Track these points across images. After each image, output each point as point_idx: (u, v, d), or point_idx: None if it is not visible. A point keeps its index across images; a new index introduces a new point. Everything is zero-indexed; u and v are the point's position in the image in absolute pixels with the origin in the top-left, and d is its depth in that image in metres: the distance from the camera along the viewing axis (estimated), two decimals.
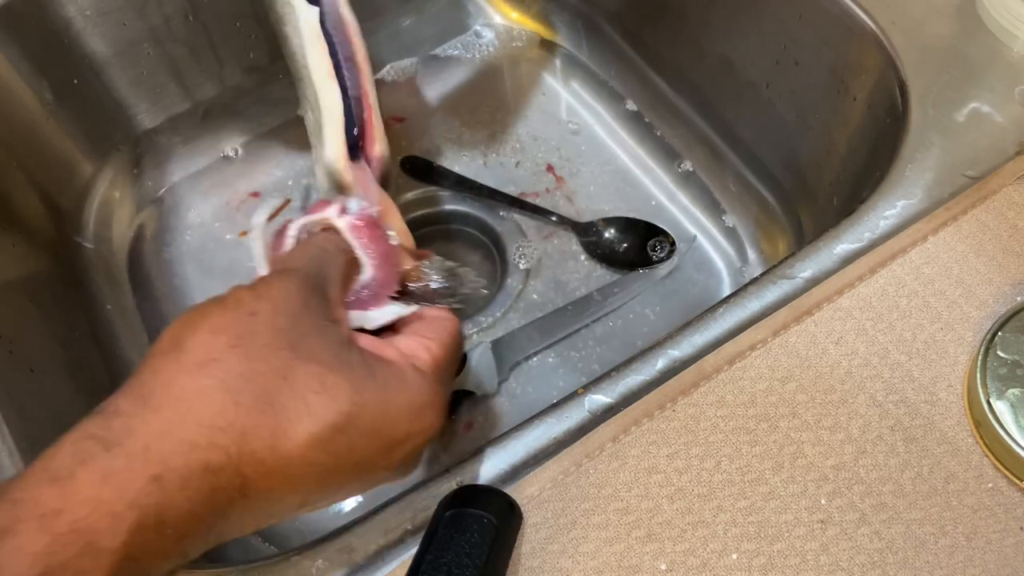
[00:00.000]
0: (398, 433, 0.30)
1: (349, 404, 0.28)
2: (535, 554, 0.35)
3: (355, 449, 0.29)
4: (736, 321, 0.41)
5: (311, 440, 0.27)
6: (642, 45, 0.72)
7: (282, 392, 0.27)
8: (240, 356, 0.27)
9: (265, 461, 0.27)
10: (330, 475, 0.29)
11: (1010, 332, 0.38)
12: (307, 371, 0.28)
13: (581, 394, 0.39)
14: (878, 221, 0.43)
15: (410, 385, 0.31)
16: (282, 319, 0.29)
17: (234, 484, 0.27)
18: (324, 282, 0.32)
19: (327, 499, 0.31)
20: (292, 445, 0.27)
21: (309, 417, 0.27)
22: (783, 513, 0.36)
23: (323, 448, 0.28)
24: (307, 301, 0.30)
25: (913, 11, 0.52)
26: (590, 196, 0.69)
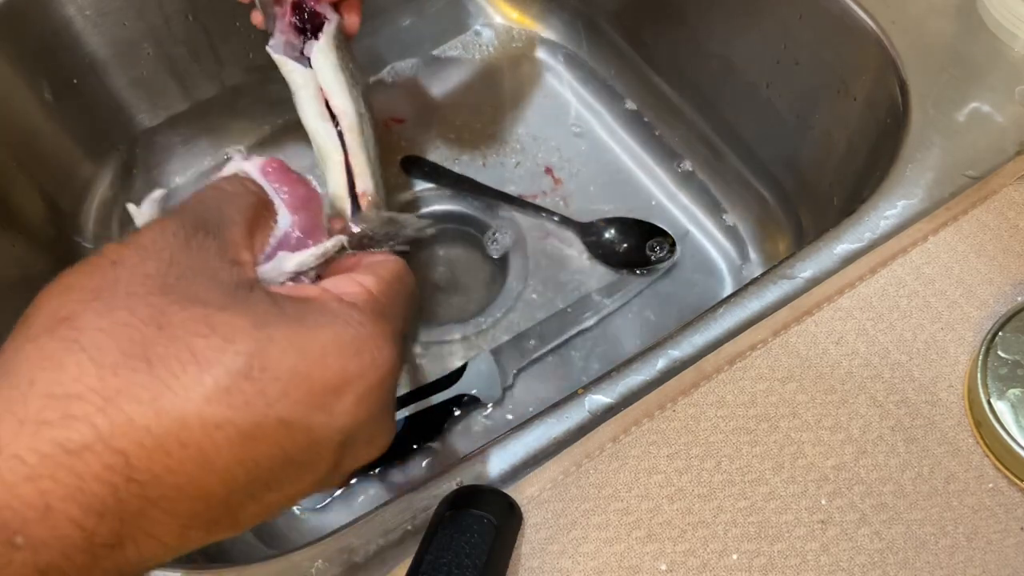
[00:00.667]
0: (329, 375, 0.23)
1: (250, 342, 0.22)
2: (535, 554, 0.35)
3: (272, 400, 0.22)
4: (736, 321, 0.41)
5: (206, 392, 0.21)
6: (642, 45, 0.72)
7: (158, 343, 0.21)
8: (99, 309, 0.22)
9: (150, 429, 0.21)
10: (251, 442, 0.22)
11: (1010, 332, 0.37)
12: (188, 315, 0.22)
13: (581, 394, 0.39)
14: (878, 221, 0.43)
15: (335, 318, 0.24)
16: (152, 263, 0.23)
17: (112, 468, 0.20)
18: (220, 221, 0.26)
19: (271, 482, 0.23)
20: (182, 402, 0.21)
21: (196, 365, 0.21)
22: (783, 513, 0.35)
23: (226, 401, 0.21)
24: (188, 241, 0.24)
25: (913, 11, 0.51)
26: (590, 196, 0.69)
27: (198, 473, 0.21)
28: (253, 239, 0.27)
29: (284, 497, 0.24)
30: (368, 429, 0.25)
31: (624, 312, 0.63)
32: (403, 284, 0.29)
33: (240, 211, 0.27)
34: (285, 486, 0.24)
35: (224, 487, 0.22)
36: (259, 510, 0.24)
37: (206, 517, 0.23)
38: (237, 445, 0.22)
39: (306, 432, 0.23)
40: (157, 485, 0.21)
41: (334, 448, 0.24)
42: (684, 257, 0.66)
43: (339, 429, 0.24)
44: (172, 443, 0.21)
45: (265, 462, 0.23)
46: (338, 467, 0.25)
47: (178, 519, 0.22)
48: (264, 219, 0.29)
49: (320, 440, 0.24)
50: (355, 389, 0.24)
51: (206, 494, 0.22)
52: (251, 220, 0.27)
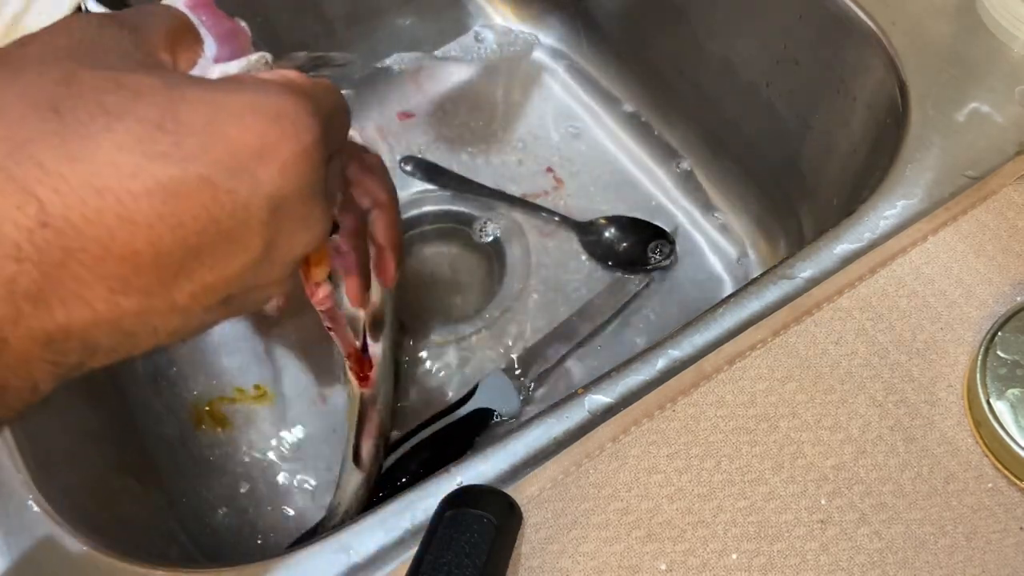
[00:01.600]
0: (248, 137, 0.22)
1: (160, 97, 0.22)
2: (535, 554, 0.35)
3: (190, 154, 0.21)
4: (736, 321, 0.41)
5: (117, 139, 0.21)
6: (642, 45, 0.72)
7: (67, 97, 0.21)
8: (6, 75, 0.21)
9: (65, 176, 0.20)
10: (171, 197, 0.21)
11: (1010, 332, 0.38)
12: (98, 75, 0.22)
13: (581, 394, 0.39)
14: (878, 221, 0.43)
15: (252, 87, 0.23)
16: (63, 39, 0.23)
17: (24, 210, 0.20)
18: (139, 24, 0.25)
19: (201, 252, 0.22)
20: (93, 148, 0.20)
21: (106, 116, 0.21)
22: (783, 513, 0.36)
23: (139, 149, 0.21)
24: (102, 27, 0.24)
25: (913, 11, 0.52)
26: (590, 196, 0.69)
27: (118, 225, 0.21)
28: (175, 51, 0.26)
29: (221, 279, 0.23)
30: (298, 206, 0.24)
31: (624, 312, 0.63)
32: (328, 87, 0.27)
33: (162, 23, 0.26)
34: (217, 261, 0.23)
35: (150, 247, 0.21)
36: (195, 290, 0.23)
37: (136, 284, 0.22)
38: (157, 198, 0.21)
39: (230, 195, 0.22)
40: (76, 235, 0.20)
41: (263, 220, 0.23)
42: (684, 257, 0.66)
43: (265, 196, 0.23)
44: (86, 190, 0.20)
45: (191, 224, 0.22)
46: (273, 249, 0.24)
47: (105, 280, 0.21)
48: (188, 40, 0.28)
49: (246, 206, 0.23)
50: (278, 155, 0.23)
51: (131, 252, 0.21)
52: (173, 32, 0.27)
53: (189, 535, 0.51)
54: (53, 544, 0.36)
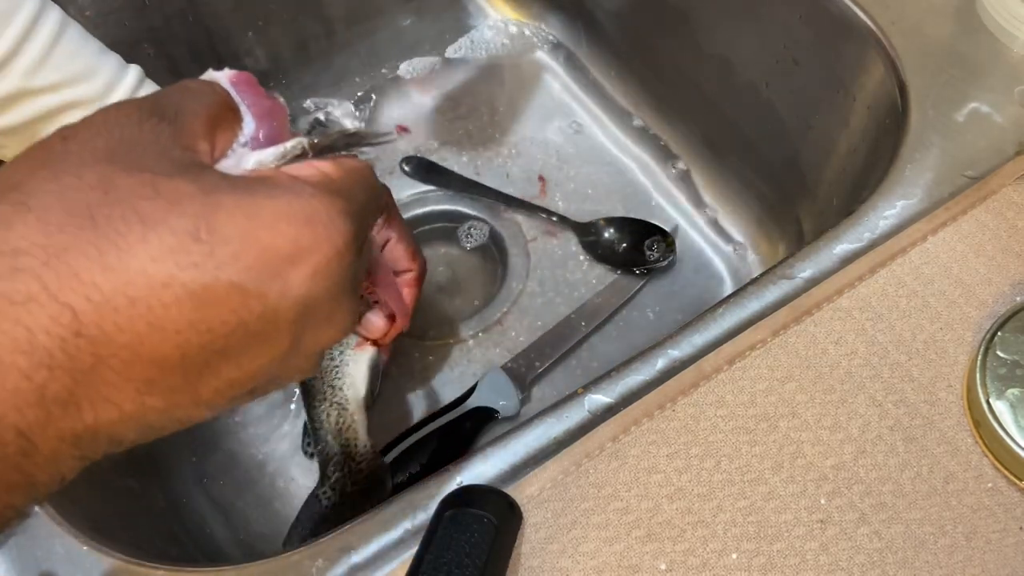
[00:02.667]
0: (281, 243, 0.23)
1: (196, 205, 0.22)
2: (535, 554, 0.35)
3: (223, 262, 0.22)
4: (736, 321, 0.41)
5: (151, 250, 0.21)
6: (642, 45, 0.72)
7: (104, 204, 0.21)
8: (47, 176, 0.22)
9: (96, 283, 0.21)
10: (202, 304, 0.22)
11: (1010, 332, 0.38)
12: (134, 180, 0.22)
13: (581, 394, 0.39)
14: (878, 221, 0.43)
15: (287, 190, 0.24)
16: (102, 139, 0.23)
17: (59, 320, 0.20)
18: (179, 111, 0.26)
19: (228, 351, 0.23)
20: (128, 258, 0.21)
21: (142, 224, 0.21)
22: (783, 513, 0.36)
23: (172, 259, 0.21)
24: (142, 123, 0.24)
25: (913, 11, 0.52)
26: (589, 196, 0.69)
27: (148, 332, 0.21)
28: (213, 135, 0.27)
29: (246, 374, 0.24)
30: (327, 306, 0.25)
31: (624, 312, 0.63)
32: (362, 176, 0.28)
33: (203, 106, 0.27)
34: (243, 359, 0.23)
35: (177, 350, 0.22)
36: (220, 385, 0.24)
37: (163, 384, 0.22)
38: (187, 306, 0.22)
39: (260, 299, 0.23)
40: (107, 342, 0.21)
41: (291, 320, 0.24)
42: (683, 257, 0.66)
43: (295, 299, 0.23)
44: (120, 299, 0.21)
45: (219, 327, 0.22)
46: (299, 345, 0.25)
47: (133, 382, 0.22)
48: (227, 120, 0.28)
49: (275, 309, 0.23)
50: (310, 260, 0.24)
51: (159, 356, 0.22)
52: (213, 117, 0.27)
53: (189, 535, 0.51)
54: (53, 544, 0.36)
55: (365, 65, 0.75)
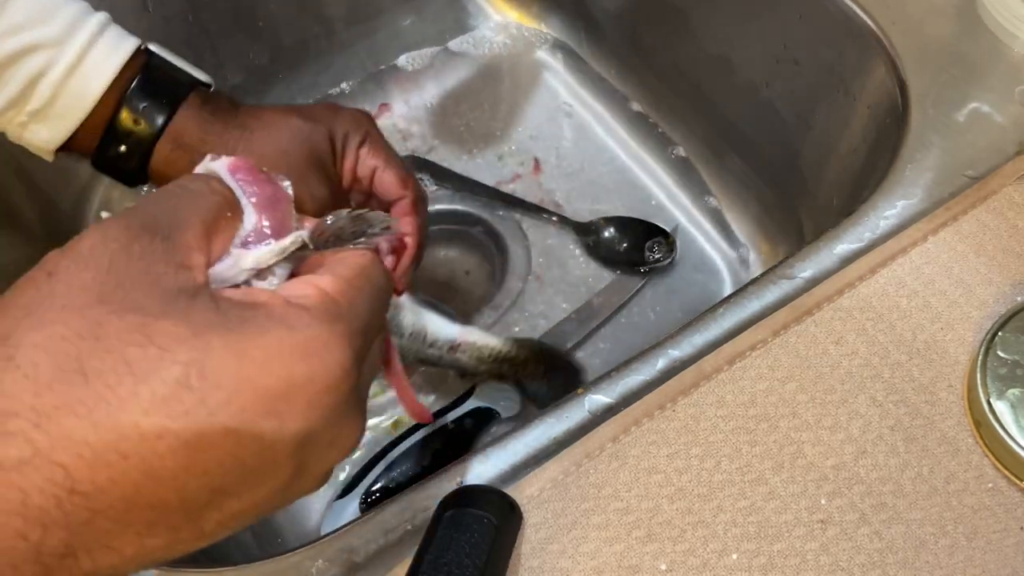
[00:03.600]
0: (273, 381, 0.23)
1: (187, 351, 0.22)
2: (535, 554, 0.35)
3: (215, 408, 0.22)
4: (736, 321, 0.41)
5: (142, 403, 0.21)
6: (642, 45, 0.72)
7: (93, 355, 0.21)
8: (33, 325, 0.22)
9: (88, 442, 0.21)
10: (196, 451, 0.22)
11: (1010, 332, 0.37)
12: (124, 324, 0.22)
13: (581, 394, 0.39)
14: (878, 221, 0.43)
15: (280, 322, 0.24)
16: (89, 272, 0.23)
17: (53, 481, 0.20)
18: (173, 222, 0.25)
19: (229, 489, 0.23)
20: (118, 414, 0.21)
21: (132, 376, 0.21)
22: (783, 513, 0.35)
23: (164, 411, 0.21)
24: (130, 245, 0.24)
25: (913, 11, 0.52)
26: (589, 195, 0.69)
27: (144, 482, 0.21)
28: (211, 240, 0.26)
29: (249, 504, 0.24)
30: (328, 433, 0.25)
31: (624, 312, 0.63)
32: (366, 279, 0.27)
33: (198, 212, 0.26)
34: (245, 493, 0.24)
35: (176, 495, 0.22)
36: (223, 518, 0.24)
37: (164, 525, 0.22)
38: (181, 454, 0.22)
39: (256, 439, 0.23)
40: (101, 496, 0.21)
41: (290, 453, 0.24)
42: (684, 257, 0.66)
43: (293, 434, 0.23)
44: (112, 455, 0.21)
45: (216, 470, 0.22)
46: (303, 471, 0.25)
47: (131, 528, 0.22)
48: (227, 220, 0.27)
49: (273, 446, 0.23)
50: (304, 393, 0.23)
51: (158, 503, 0.22)
52: (210, 221, 0.26)
53: None
54: None
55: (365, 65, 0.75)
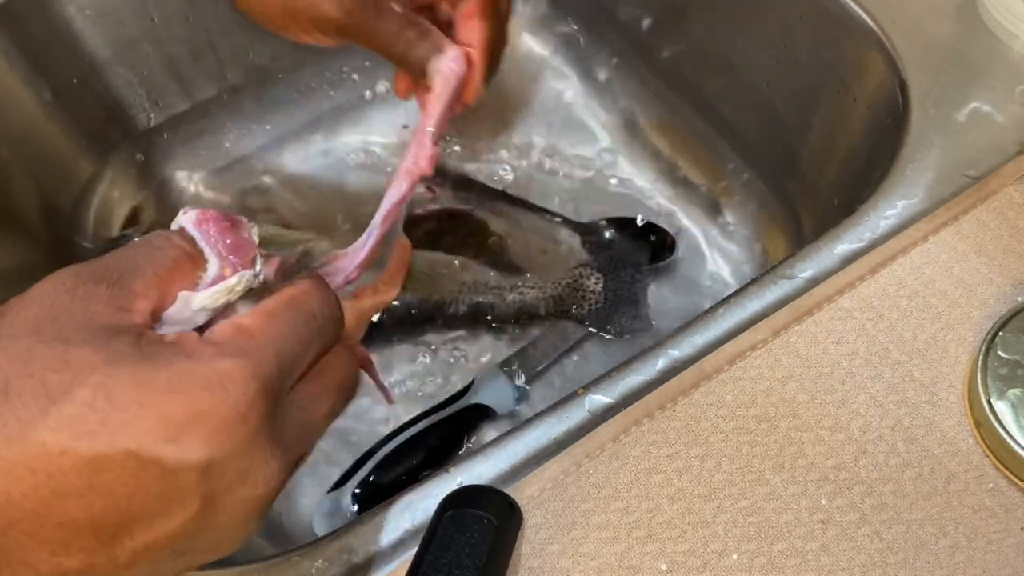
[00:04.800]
0: (176, 408, 0.24)
1: (98, 376, 0.23)
2: (535, 554, 0.35)
3: (116, 429, 0.23)
4: (736, 321, 0.41)
5: (49, 422, 0.23)
6: (642, 45, 0.72)
7: (18, 378, 0.23)
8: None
9: (3, 457, 0.23)
10: (98, 470, 0.23)
11: (1011, 332, 0.37)
12: (50, 352, 0.24)
13: (581, 394, 0.39)
14: (878, 221, 0.43)
15: (188, 356, 0.25)
16: (33, 310, 0.25)
17: None
18: (125, 271, 0.27)
19: (137, 516, 0.24)
20: (28, 430, 0.23)
21: (47, 397, 0.23)
22: (783, 513, 0.35)
23: (69, 429, 0.23)
24: (75, 289, 0.25)
25: (913, 11, 0.51)
26: (590, 195, 0.69)
27: (52, 498, 0.23)
28: (164, 289, 0.28)
29: (162, 536, 0.25)
30: (235, 463, 0.25)
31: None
32: (294, 309, 0.28)
33: (152, 263, 0.28)
34: (155, 522, 0.24)
35: (84, 514, 0.23)
36: (136, 547, 0.25)
37: (76, 545, 0.24)
38: (84, 472, 0.23)
39: (156, 462, 0.24)
40: (14, 509, 0.23)
41: (195, 481, 0.24)
42: (684, 257, 0.66)
43: (195, 461, 0.24)
44: (21, 469, 0.23)
45: (120, 491, 0.24)
46: (215, 506, 0.25)
47: (46, 544, 0.23)
48: (185, 270, 0.28)
49: (175, 471, 0.24)
50: (207, 422, 0.24)
51: (67, 521, 0.23)
52: (163, 272, 0.28)
53: None
54: None
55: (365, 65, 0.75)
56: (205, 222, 0.30)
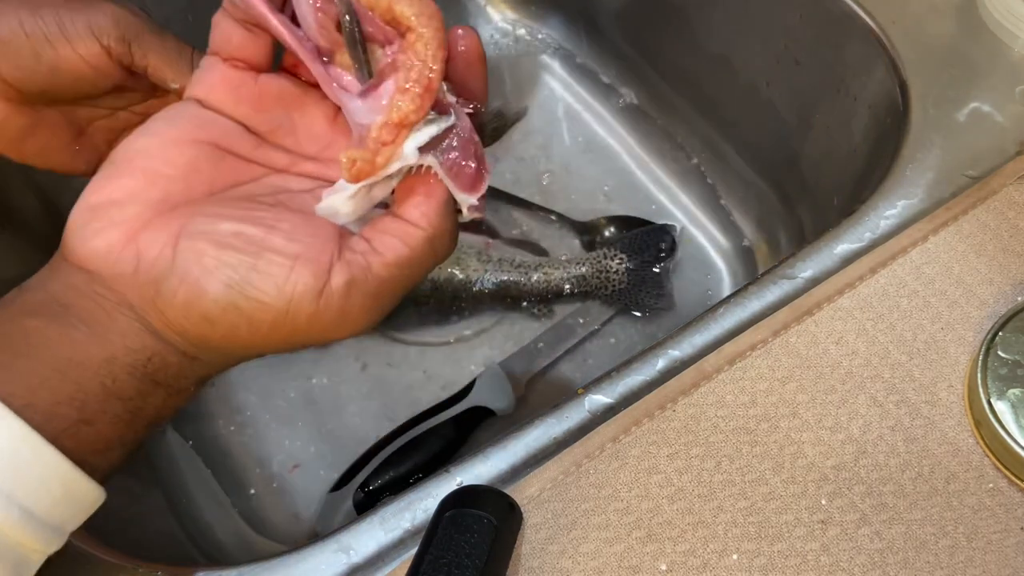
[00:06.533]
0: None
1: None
2: (535, 554, 0.35)
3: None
4: (736, 321, 0.41)
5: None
6: (642, 44, 0.72)
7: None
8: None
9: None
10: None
11: (1011, 332, 0.37)
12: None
13: (581, 394, 0.39)
14: (879, 221, 0.43)
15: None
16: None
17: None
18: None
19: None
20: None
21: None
22: (783, 513, 0.35)
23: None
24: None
25: (913, 10, 0.51)
26: (590, 195, 0.69)
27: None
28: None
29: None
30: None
31: (625, 312, 0.63)
32: (414, 261, 0.30)
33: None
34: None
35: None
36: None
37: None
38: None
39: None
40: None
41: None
42: (684, 256, 0.66)
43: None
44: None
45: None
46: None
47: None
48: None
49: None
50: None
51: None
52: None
53: (189, 536, 0.51)
54: None
55: None
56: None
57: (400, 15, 0.28)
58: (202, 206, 0.29)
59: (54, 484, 0.26)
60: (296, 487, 0.57)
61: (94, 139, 0.40)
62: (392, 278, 0.29)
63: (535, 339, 0.61)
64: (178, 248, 0.28)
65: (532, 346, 0.60)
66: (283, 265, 0.28)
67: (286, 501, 0.56)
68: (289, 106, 0.32)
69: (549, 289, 0.61)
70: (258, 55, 0.32)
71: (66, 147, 0.39)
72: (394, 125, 0.28)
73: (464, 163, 0.29)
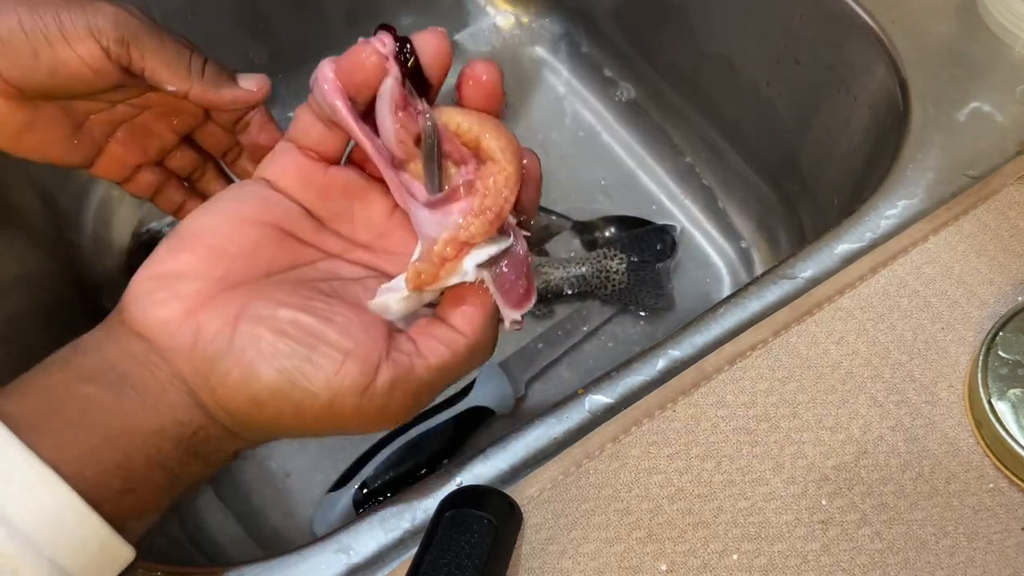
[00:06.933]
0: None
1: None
2: (535, 555, 0.35)
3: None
4: (736, 321, 0.41)
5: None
6: (642, 43, 0.72)
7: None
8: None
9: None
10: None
11: (1011, 332, 0.37)
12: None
13: (581, 394, 0.39)
14: (879, 221, 0.43)
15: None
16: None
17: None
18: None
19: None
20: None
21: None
22: (784, 514, 0.35)
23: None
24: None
25: (914, 10, 0.51)
26: (590, 194, 0.69)
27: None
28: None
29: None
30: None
31: (624, 311, 0.63)
32: (454, 366, 0.31)
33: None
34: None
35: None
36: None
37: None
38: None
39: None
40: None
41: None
42: (684, 256, 0.66)
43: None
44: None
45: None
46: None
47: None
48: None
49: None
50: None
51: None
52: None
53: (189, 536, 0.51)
54: None
55: None
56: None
57: (487, 148, 0.31)
58: (262, 289, 0.30)
59: (93, 546, 0.27)
60: (295, 487, 0.57)
61: (92, 132, 0.40)
62: (432, 381, 0.31)
63: (535, 339, 0.61)
64: (237, 329, 0.28)
65: (532, 346, 0.60)
66: (335, 359, 0.28)
67: (285, 501, 0.56)
68: (352, 196, 0.33)
69: (549, 289, 0.61)
70: (332, 150, 0.33)
71: (64, 141, 0.39)
72: (460, 242, 0.30)
73: (515, 281, 0.31)
